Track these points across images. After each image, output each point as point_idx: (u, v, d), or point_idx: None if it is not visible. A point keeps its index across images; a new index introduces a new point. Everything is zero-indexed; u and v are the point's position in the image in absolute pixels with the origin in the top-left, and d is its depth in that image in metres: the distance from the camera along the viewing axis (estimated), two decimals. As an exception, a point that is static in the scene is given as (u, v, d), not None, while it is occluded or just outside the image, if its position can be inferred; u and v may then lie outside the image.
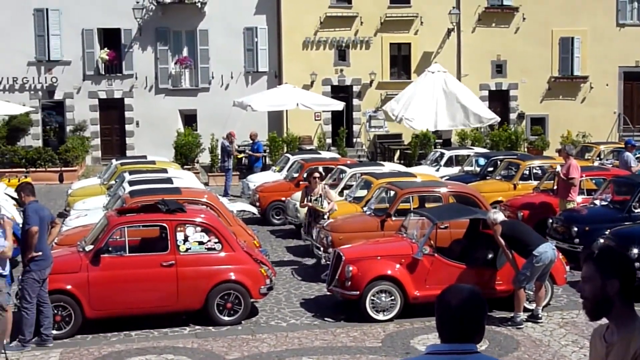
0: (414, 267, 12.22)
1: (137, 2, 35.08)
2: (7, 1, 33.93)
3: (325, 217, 15.39)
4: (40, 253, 10.67)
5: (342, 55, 36.81)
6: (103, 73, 35.63)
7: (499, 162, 22.57)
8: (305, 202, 15.48)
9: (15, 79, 34.85)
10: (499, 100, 37.70)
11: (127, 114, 36.00)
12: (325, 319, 12.44)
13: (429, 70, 30.14)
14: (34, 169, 29.58)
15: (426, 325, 11.71)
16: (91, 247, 11.67)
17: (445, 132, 33.89)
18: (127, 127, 36.11)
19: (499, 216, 11.94)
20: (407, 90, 30.06)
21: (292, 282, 14.87)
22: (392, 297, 12.11)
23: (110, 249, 11.74)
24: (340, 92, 36.37)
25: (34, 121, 35.23)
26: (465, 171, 23.84)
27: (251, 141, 28.46)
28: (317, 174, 15.67)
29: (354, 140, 36.60)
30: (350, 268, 12.14)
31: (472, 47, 36.92)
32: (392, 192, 15.91)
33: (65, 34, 35.01)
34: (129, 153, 33.84)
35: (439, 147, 30.49)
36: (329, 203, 15.31)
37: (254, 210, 20.40)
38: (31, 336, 10.84)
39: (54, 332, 11.20)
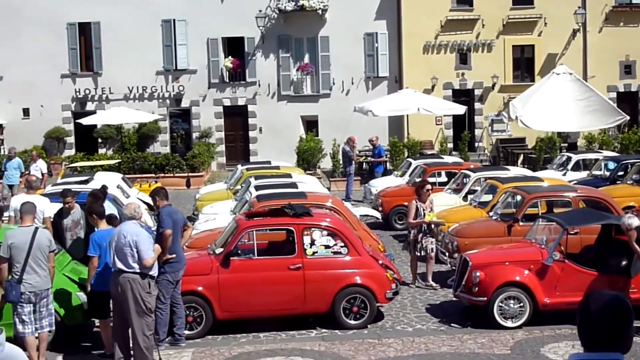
0: (544, 273, 11.95)
1: (260, 11, 35.73)
2: (137, 14, 35.19)
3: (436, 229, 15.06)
4: (174, 255, 10.99)
5: (463, 59, 36.41)
6: (227, 81, 36.45)
7: (629, 166, 21.79)
8: (418, 220, 14.52)
9: (144, 88, 36.10)
10: (628, 102, 36.36)
11: (251, 121, 36.71)
12: (452, 324, 12.33)
13: (554, 72, 29.37)
14: (162, 175, 30.53)
15: (557, 333, 11.43)
16: (221, 249, 11.95)
17: (572, 135, 33.00)
18: (251, 134, 36.83)
19: (634, 221, 11.52)
20: (531, 90, 29.39)
21: (417, 287, 14.77)
22: (521, 304, 11.88)
23: (239, 251, 11.99)
24: (462, 95, 35.96)
25: (162, 128, 36.42)
26: (593, 175, 23.12)
27: (372, 146, 28.51)
28: (429, 186, 15.12)
29: (476, 144, 36.11)
30: (478, 274, 11.98)
31: (599, 48, 35.80)
32: (519, 197, 15.59)
33: (191, 43, 36.03)
34: (252, 159, 34.47)
35: (565, 150, 29.69)
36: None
37: (377, 214, 20.41)
38: (165, 336, 11.18)
39: (186, 332, 11.51)
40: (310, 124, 36.18)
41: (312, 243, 12.08)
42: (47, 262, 10.22)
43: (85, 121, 33.55)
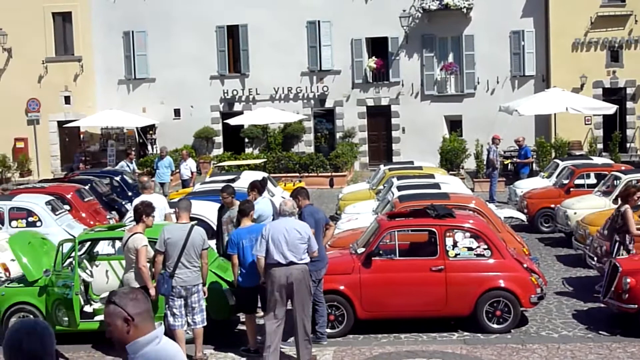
0: (700, 281, 11.37)
1: (404, 11, 35.66)
2: (283, 16, 35.87)
3: None
4: (316, 254, 11.15)
5: (614, 56, 35.03)
6: (371, 81, 36.59)
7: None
8: None
9: (290, 88, 36.76)
10: None
11: (394, 121, 36.70)
12: (600, 332, 11.92)
13: None
14: (306, 174, 31.01)
15: None
16: (363, 249, 12.03)
17: None
18: (394, 134, 36.82)
19: None
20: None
21: (563, 292, 14.39)
22: (675, 313, 11.35)
23: (381, 252, 12.03)
24: (613, 94, 34.62)
25: (307, 128, 36.97)
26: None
27: (518, 147, 27.90)
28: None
29: (628, 145, 34.68)
30: (628, 280, 11.53)
31: None
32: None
33: (335, 44, 36.41)
34: (395, 159, 34.48)
35: None
36: None
37: (522, 217, 19.98)
38: (325, 332, 11.38)
39: (328, 330, 11.65)
40: (454, 124, 35.80)
41: (455, 245, 11.97)
42: (199, 259, 10.60)
43: (232, 121, 34.56)
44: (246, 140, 36.97)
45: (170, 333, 10.76)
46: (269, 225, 10.62)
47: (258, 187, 13.56)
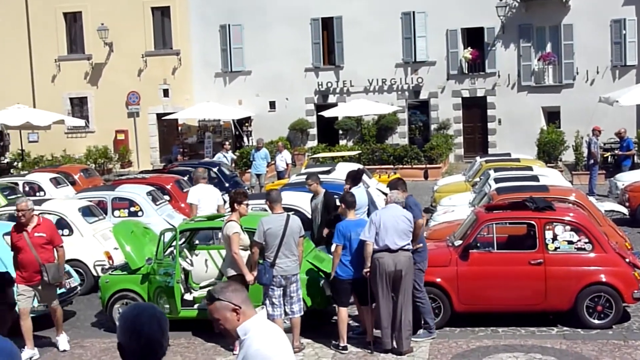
0: None
1: (501, 0, 35.10)
2: (377, 8, 35.82)
3: None
4: (420, 245, 11.14)
5: None
6: (466, 72, 36.18)
7: None
8: None
9: (384, 80, 36.68)
10: None
11: (490, 112, 36.21)
12: None
13: None
14: (400, 166, 30.91)
15: None
16: (460, 242, 11.93)
17: None
18: (489, 125, 36.33)
19: None
20: None
21: (667, 288, 13.93)
22: None
23: (478, 244, 11.91)
24: None
25: (401, 120, 36.84)
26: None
27: (619, 139, 27.14)
28: None
29: None
30: None
31: None
32: None
33: (430, 35, 36.12)
34: (490, 151, 34.01)
35: None
36: None
37: (624, 210, 19.44)
38: (434, 322, 11.35)
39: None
40: (552, 115, 35.06)
41: (554, 238, 11.74)
42: (297, 247, 10.73)
43: (327, 113, 34.74)
44: (340, 132, 37.09)
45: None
46: (378, 212, 10.77)
47: (353, 178, 13.64)
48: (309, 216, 14.18)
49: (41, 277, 11.13)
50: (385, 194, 18.57)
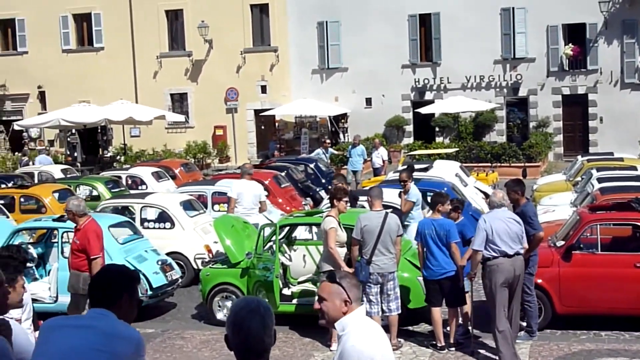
0: None
1: (604, -5, 34.22)
2: (476, 3, 35.39)
3: None
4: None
5: None
6: (567, 69, 35.40)
7: None
8: None
9: (482, 77, 36.22)
10: None
11: (591, 110, 35.33)
12: None
13: None
14: (498, 164, 30.47)
15: None
16: (562, 243, 11.67)
17: None
18: (591, 123, 35.46)
19: None
20: None
21: None
22: None
23: (582, 245, 11.62)
24: None
25: (499, 117, 36.31)
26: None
27: None
28: None
29: None
30: None
31: None
32: None
33: (530, 31, 35.47)
34: (591, 150, 33.21)
35: None
36: None
37: None
38: (537, 325, 11.16)
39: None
40: (657, 114, 33.99)
41: (662, 240, 11.37)
42: (394, 245, 10.69)
43: (423, 110, 34.54)
44: (437, 129, 36.81)
45: (365, 319, 10.94)
46: (485, 217, 10.37)
47: (410, 174, 14.37)
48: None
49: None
50: (485, 194, 18.45)
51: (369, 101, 37.83)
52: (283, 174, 21.65)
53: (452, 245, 10.62)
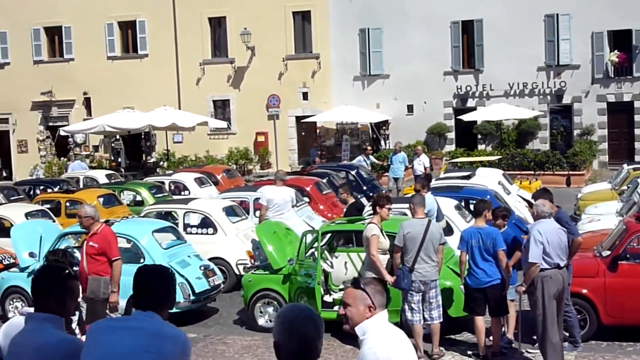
0: None
1: (651, 1, 33.73)
2: (519, 10, 35.09)
3: None
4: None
5: None
6: (612, 76, 34.95)
7: None
8: None
9: (525, 84, 35.91)
10: None
11: (637, 118, 34.84)
12: None
13: None
14: (541, 172, 30.18)
15: None
16: (608, 252, 11.52)
17: None
18: (637, 132, 34.96)
19: None
20: None
21: None
22: None
23: (628, 256, 11.45)
24: None
25: (542, 125, 35.96)
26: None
27: None
28: None
29: None
30: None
31: None
32: None
33: (574, 37, 35.09)
34: (637, 158, 32.73)
35: None
36: None
37: None
38: (580, 335, 11.00)
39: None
40: None
41: None
42: (436, 253, 10.64)
43: (465, 117, 34.34)
44: (479, 136, 36.58)
45: (408, 328, 10.90)
46: (538, 228, 10.01)
47: (426, 184, 14.49)
48: (449, 221, 14.10)
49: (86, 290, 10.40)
50: (528, 202, 18.27)
51: (410, 108, 37.71)
52: (324, 180, 21.68)
53: (499, 253, 10.52)
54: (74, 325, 7.46)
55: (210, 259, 14.74)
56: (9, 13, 41.31)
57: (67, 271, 5.00)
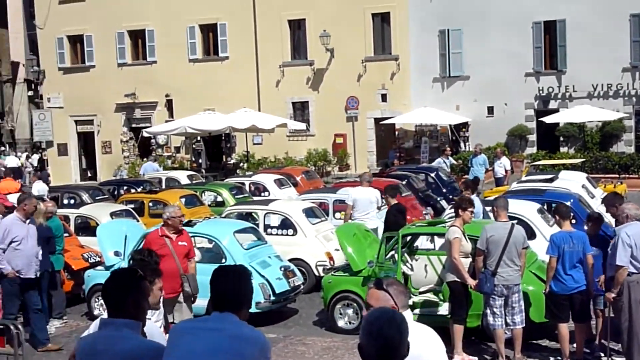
0: None
1: None
2: (604, 10, 34.34)
3: None
4: None
5: None
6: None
7: None
8: None
9: (609, 85, 35.11)
10: None
11: None
12: None
13: None
14: (626, 175, 29.46)
15: None
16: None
17: None
18: None
19: None
20: None
21: None
22: None
23: None
24: None
25: (627, 127, 35.09)
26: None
27: None
28: None
29: None
30: None
31: None
32: None
33: (662, 37, 34.22)
34: None
35: None
36: None
37: None
38: None
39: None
40: None
41: None
42: (519, 257, 10.50)
43: (547, 119, 33.76)
44: (561, 138, 35.90)
45: (490, 332, 10.79)
46: (626, 231, 9.82)
47: (471, 186, 14.82)
48: (531, 225, 13.88)
49: (182, 288, 10.82)
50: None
51: (490, 110, 37.26)
52: (404, 182, 21.59)
53: (588, 257, 10.33)
54: (158, 323, 7.60)
55: (289, 260, 14.84)
56: (95, 17, 42.41)
57: (139, 273, 5.01)
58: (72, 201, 22.31)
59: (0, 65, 56.90)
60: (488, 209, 13.43)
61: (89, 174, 44.53)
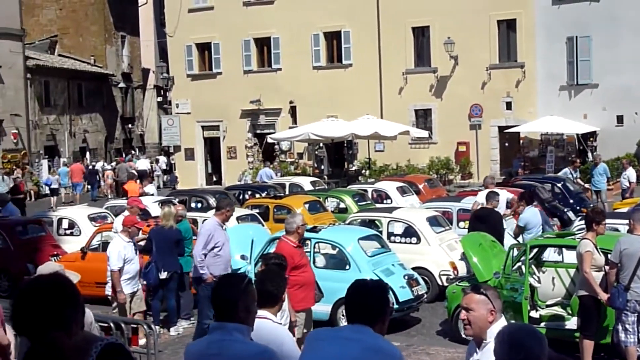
0: None
1: None
2: None
3: None
4: None
5: None
6: None
7: None
8: None
9: None
10: None
11: None
12: None
13: None
14: None
15: None
16: None
17: None
18: None
19: None
20: None
21: None
22: None
23: None
24: None
25: None
26: None
27: None
28: None
29: None
30: None
31: None
32: None
33: None
34: None
35: None
36: None
37: None
38: None
39: None
40: None
41: None
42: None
43: (682, 129, 32.43)
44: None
45: (620, 349, 10.46)
46: None
47: (525, 198, 15.16)
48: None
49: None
50: None
51: (620, 119, 36.06)
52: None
53: None
54: (285, 326, 7.75)
55: (413, 269, 14.82)
56: (222, 25, 43.51)
57: (248, 278, 5.04)
58: (199, 205, 22.97)
59: (132, 72, 59.31)
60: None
61: (214, 179, 45.67)
